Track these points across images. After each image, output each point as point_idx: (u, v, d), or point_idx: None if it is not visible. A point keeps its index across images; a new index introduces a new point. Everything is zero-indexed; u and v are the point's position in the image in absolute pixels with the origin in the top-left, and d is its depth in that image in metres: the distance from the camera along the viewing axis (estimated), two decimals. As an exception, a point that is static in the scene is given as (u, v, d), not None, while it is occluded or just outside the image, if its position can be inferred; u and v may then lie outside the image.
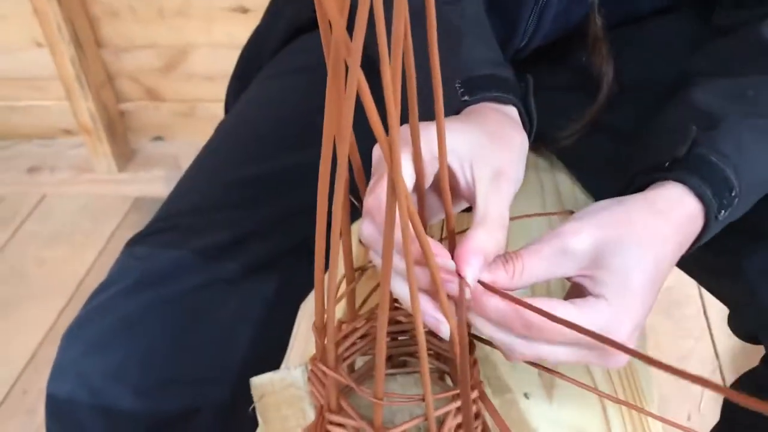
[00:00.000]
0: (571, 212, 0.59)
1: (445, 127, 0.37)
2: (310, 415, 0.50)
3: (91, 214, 1.84)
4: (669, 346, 1.39)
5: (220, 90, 1.93)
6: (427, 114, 0.42)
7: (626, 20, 0.74)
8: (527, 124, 0.56)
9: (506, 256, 0.43)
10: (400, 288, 0.42)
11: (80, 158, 2.00)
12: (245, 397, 0.67)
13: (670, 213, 0.47)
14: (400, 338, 0.50)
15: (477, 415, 0.45)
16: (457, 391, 0.41)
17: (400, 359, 0.52)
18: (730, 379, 1.32)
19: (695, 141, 0.50)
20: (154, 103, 1.95)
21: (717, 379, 1.33)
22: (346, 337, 0.47)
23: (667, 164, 0.50)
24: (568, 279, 0.46)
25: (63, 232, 1.78)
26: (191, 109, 1.95)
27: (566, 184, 0.77)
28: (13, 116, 2.04)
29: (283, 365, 0.74)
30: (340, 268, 0.46)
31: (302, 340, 0.76)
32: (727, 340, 1.39)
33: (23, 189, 1.95)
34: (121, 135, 1.98)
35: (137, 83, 1.92)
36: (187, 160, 0.74)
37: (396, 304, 0.48)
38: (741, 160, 0.50)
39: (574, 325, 0.37)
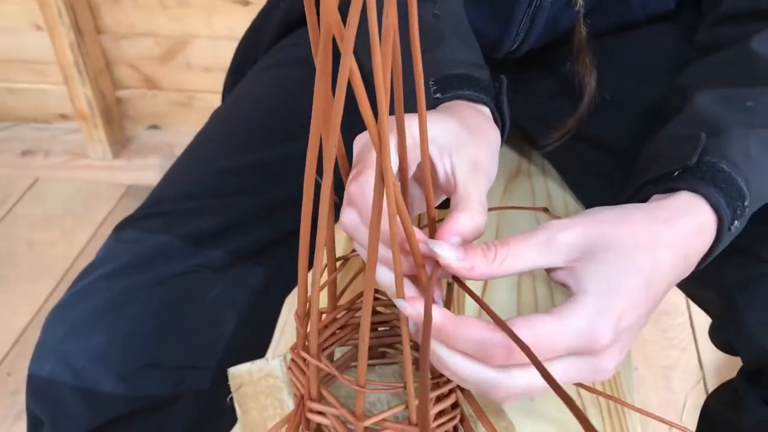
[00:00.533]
0: (545, 209, 0.59)
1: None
2: (289, 405, 0.50)
3: (83, 199, 1.84)
4: (655, 355, 1.40)
5: (218, 81, 1.93)
6: (406, 107, 0.43)
7: (620, 27, 0.75)
8: (499, 123, 0.56)
9: (488, 243, 0.42)
10: (383, 275, 0.42)
11: (75, 143, 1.99)
12: (226, 384, 0.68)
13: (675, 221, 0.45)
14: (379, 329, 0.51)
15: (455, 405, 0.45)
16: (437, 381, 0.41)
17: (379, 350, 0.52)
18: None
19: (704, 149, 0.49)
20: (151, 91, 1.95)
21: (700, 390, 1.33)
22: (326, 327, 0.47)
23: (676, 173, 0.48)
24: (552, 275, 0.44)
25: (55, 216, 1.78)
26: (188, 99, 1.94)
27: (557, 189, 0.77)
28: (9, 98, 2.04)
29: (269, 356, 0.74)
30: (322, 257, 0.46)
31: (290, 332, 0.76)
32: (712, 351, 1.39)
33: (16, 171, 1.94)
34: (117, 122, 1.97)
35: (135, 71, 1.92)
36: (182, 150, 0.74)
37: (377, 295, 0.48)
38: (750, 170, 0.49)
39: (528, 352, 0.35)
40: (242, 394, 0.51)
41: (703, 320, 1.44)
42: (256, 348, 0.73)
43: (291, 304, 0.75)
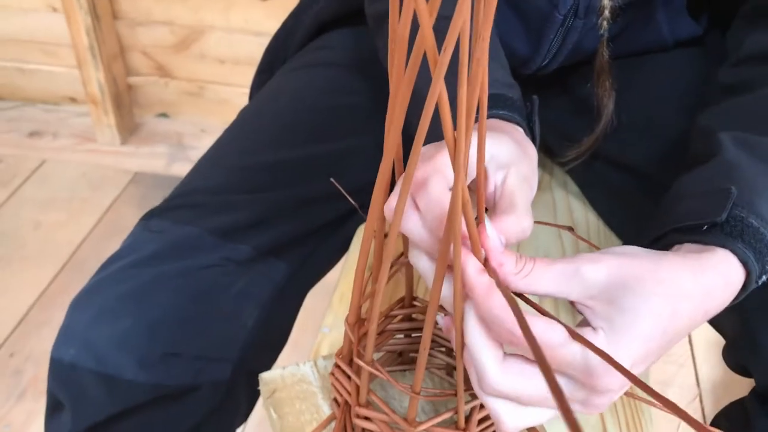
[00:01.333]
0: (571, 228, 0.60)
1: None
2: (325, 410, 0.51)
3: (90, 184, 1.84)
4: (652, 370, 1.41)
5: (231, 74, 1.94)
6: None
7: (647, 50, 0.76)
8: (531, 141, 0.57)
9: (521, 255, 0.42)
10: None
11: (84, 127, 1.99)
12: (245, 377, 0.69)
13: (702, 276, 0.44)
14: (413, 335, 0.52)
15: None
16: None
17: (410, 356, 0.53)
18: (709, 407, 1.34)
19: (734, 203, 0.48)
20: (163, 79, 1.95)
21: (696, 407, 1.35)
22: (365, 334, 0.48)
23: (705, 227, 0.47)
24: (573, 305, 0.43)
25: (61, 199, 1.78)
26: (200, 90, 1.95)
27: (578, 204, 0.78)
28: (20, 78, 2.04)
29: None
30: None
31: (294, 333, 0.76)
32: (709, 369, 1.41)
33: (23, 152, 1.94)
34: (126, 108, 1.98)
35: (149, 58, 1.92)
36: (190, 139, 0.75)
37: (414, 302, 0.49)
38: None
39: (584, 340, 0.36)
40: (277, 399, 0.52)
41: (701, 337, 1.46)
42: (275, 343, 0.74)
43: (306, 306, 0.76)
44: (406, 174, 0.31)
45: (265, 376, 0.54)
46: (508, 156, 0.47)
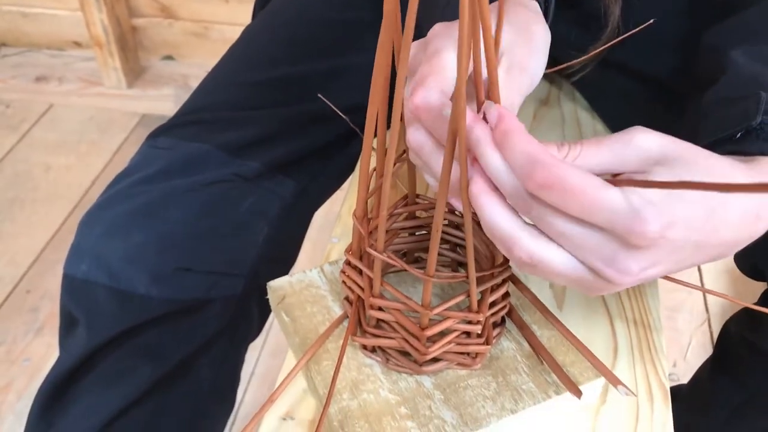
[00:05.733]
0: None
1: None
2: (336, 311, 0.52)
3: (97, 127, 1.84)
4: (661, 296, 1.42)
5: (235, 13, 1.92)
6: (453, 12, 0.43)
7: None
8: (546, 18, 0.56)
9: (562, 142, 0.39)
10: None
11: (90, 71, 1.99)
12: (256, 292, 0.69)
13: (753, 175, 0.41)
14: (417, 233, 0.52)
15: (506, 295, 0.47)
16: (492, 272, 0.43)
17: (415, 255, 0.54)
18: (717, 331, 1.35)
19: (767, 110, 0.45)
20: (167, 20, 1.93)
21: (705, 331, 1.36)
22: (371, 232, 0.48)
23: (739, 135, 0.45)
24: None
25: (69, 142, 1.79)
26: (204, 30, 1.93)
27: (586, 117, 0.78)
28: (24, 23, 2.02)
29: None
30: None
31: (306, 250, 0.77)
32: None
33: (30, 97, 1.94)
34: (132, 50, 1.96)
35: (152, -1, 1.91)
36: (196, 81, 0.74)
37: (417, 199, 0.49)
38: None
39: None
40: (287, 304, 0.52)
41: (710, 264, 1.46)
42: (285, 259, 0.75)
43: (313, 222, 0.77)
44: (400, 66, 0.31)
45: (273, 284, 0.54)
46: (502, 44, 0.46)
